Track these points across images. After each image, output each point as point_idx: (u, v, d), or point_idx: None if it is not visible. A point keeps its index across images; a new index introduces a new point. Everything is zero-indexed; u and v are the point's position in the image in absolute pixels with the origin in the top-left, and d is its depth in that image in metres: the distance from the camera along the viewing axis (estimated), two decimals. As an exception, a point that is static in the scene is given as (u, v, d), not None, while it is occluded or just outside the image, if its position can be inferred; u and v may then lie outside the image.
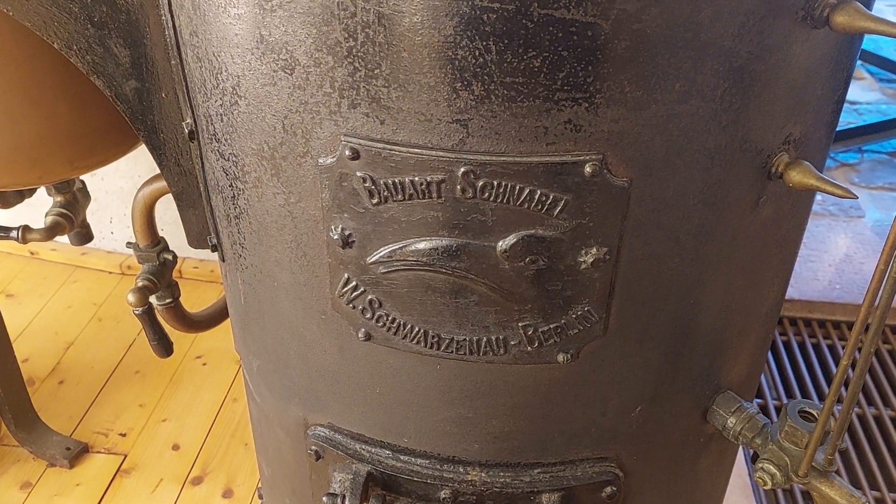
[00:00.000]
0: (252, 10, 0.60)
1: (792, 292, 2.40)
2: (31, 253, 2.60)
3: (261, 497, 1.35)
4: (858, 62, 4.39)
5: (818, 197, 3.04)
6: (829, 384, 2.13)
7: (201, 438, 1.85)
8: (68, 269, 2.56)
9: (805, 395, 2.10)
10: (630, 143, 0.61)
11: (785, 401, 2.08)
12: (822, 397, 2.08)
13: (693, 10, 0.55)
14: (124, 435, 1.88)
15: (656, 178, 0.63)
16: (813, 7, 0.60)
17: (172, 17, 0.72)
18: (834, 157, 3.30)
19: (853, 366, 0.71)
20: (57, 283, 2.47)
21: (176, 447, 1.84)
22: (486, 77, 0.57)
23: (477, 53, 0.56)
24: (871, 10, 0.72)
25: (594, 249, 0.65)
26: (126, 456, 1.82)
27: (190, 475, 1.77)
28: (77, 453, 1.80)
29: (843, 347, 2.26)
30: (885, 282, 0.66)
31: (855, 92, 4.05)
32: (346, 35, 0.57)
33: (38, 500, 1.71)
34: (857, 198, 0.65)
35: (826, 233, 2.72)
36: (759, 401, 2.06)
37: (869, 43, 4.56)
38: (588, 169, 0.60)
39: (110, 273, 2.54)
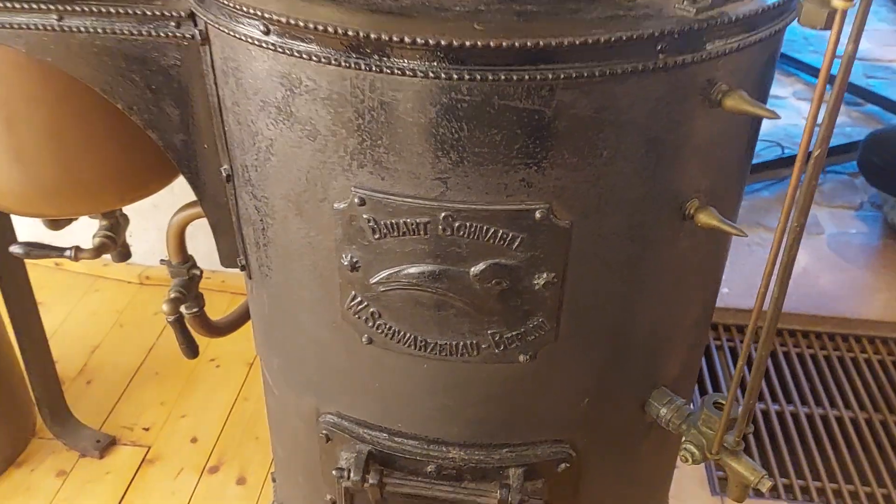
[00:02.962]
0: (285, 93, 0.77)
1: (752, 303, 2.57)
2: (56, 264, 2.74)
3: (274, 480, 1.50)
4: (828, 87, 4.56)
5: (780, 215, 3.22)
6: (782, 385, 2.30)
7: (217, 432, 2.01)
8: (91, 279, 2.70)
9: (762, 396, 2.26)
10: (570, 195, 0.78)
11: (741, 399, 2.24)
12: (774, 397, 2.25)
13: (614, 99, 0.73)
14: (147, 429, 2.03)
15: (592, 220, 0.80)
16: (709, 93, 0.77)
17: (217, 88, 0.89)
18: (799, 178, 3.47)
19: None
20: (81, 292, 2.62)
21: (194, 440, 2.00)
22: (460, 148, 0.74)
23: (453, 131, 0.73)
24: (769, 86, 0.90)
25: (545, 274, 0.82)
26: (150, 448, 1.97)
27: (207, 465, 1.93)
28: (106, 445, 1.95)
29: (798, 353, 2.44)
30: (772, 286, 0.83)
31: (822, 115, 4.22)
32: (357, 115, 0.74)
33: (72, 486, 1.86)
34: (746, 235, 0.82)
35: (786, 249, 2.89)
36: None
37: (837, 67, 4.75)
38: (538, 214, 0.77)
39: (129, 283, 2.68)
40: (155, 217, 2.49)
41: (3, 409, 1.89)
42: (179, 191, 1.46)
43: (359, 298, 0.88)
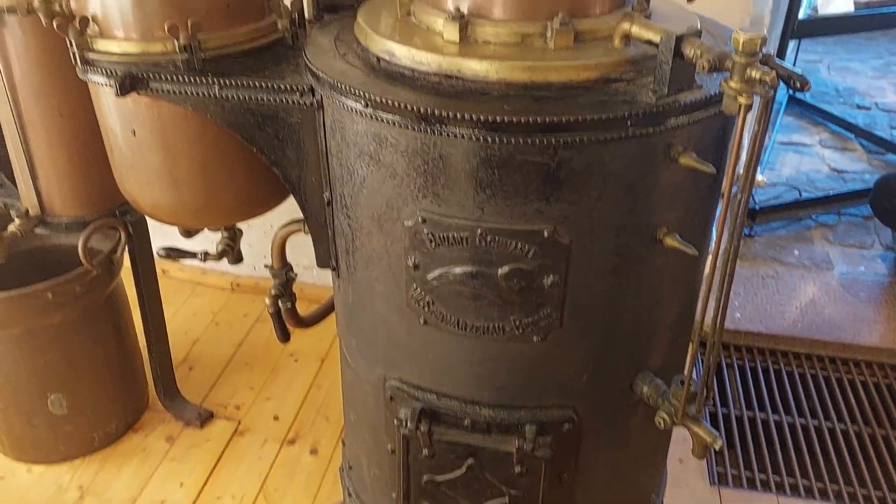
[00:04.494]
0: (375, 146, 1.08)
1: (761, 327, 2.78)
2: (163, 271, 3.12)
3: (344, 444, 1.80)
4: (852, 135, 4.69)
5: (794, 251, 3.40)
6: (783, 399, 2.50)
7: (294, 413, 2.32)
8: (191, 285, 3.06)
9: (764, 407, 2.46)
10: (570, 221, 1.06)
11: (749, 412, 2.45)
12: (775, 408, 2.45)
13: (599, 157, 1.01)
14: (238, 408, 2.35)
15: (586, 239, 1.08)
16: (669, 153, 1.04)
17: (326, 139, 1.20)
18: (814, 219, 3.65)
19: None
20: (184, 296, 2.98)
21: (276, 418, 2.31)
22: (493, 186, 1.03)
23: (489, 175, 1.02)
24: (727, 146, 1.16)
25: (552, 277, 1.10)
26: (240, 422, 2.29)
27: (286, 438, 2.23)
28: (205, 418, 2.27)
29: (800, 373, 2.63)
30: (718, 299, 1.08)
31: (844, 162, 4.37)
32: (423, 162, 1.04)
33: (178, 449, 2.19)
34: (696, 254, 1.09)
35: (797, 282, 3.09)
36: (723, 410, 2.44)
37: (865, 118, 4.90)
38: (546, 233, 1.06)
39: (223, 289, 3.03)
40: (247, 235, 2.85)
41: (127, 386, 2.24)
42: (271, 215, 1.78)
43: (418, 290, 1.17)
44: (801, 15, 3.48)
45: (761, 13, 2.43)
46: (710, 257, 1.08)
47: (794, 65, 4.92)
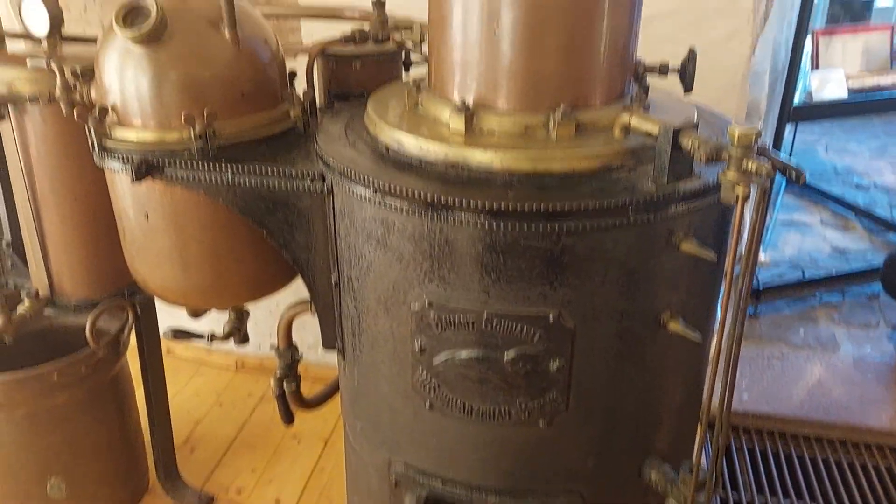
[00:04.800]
0: (383, 230, 1.11)
1: (768, 409, 2.73)
2: (168, 350, 3.10)
3: (347, 530, 1.75)
4: (852, 215, 4.73)
5: (800, 331, 3.39)
6: (794, 485, 2.44)
7: (297, 496, 2.27)
8: (195, 364, 3.04)
9: (775, 492, 2.40)
10: (574, 305, 1.07)
11: (761, 497, 2.39)
12: (795, 495, 2.38)
13: (601, 243, 1.03)
14: (240, 492, 2.30)
15: (589, 324, 1.09)
16: (670, 240, 1.06)
17: (335, 224, 1.23)
18: (819, 298, 3.64)
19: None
20: (188, 375, 2.96)
21: (278, 501, 2.25)
22: (498, 271, 1.04)
23: (493, 260, 1.04)
24: (727, 231, 1.18)
25: (557, 361, 1.10)
26: (241, 506, 2.25)
27: (289, 523, 2.19)
28: (206, 502, 2.23)
29: (811, 457, 2.58)
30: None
31: (846, 241, 4.39)
32: (430, 247, 1.07)
33: (178, 535, 2.14)
34: (700, 340, 1.09)
35: (804, 363, 3.06)
36: (734, 494, 2.38)
37: (864, 198, 4.96)
38: (551, 318, 1.07)
39: (227, 369, 3.00)
40: (253, 313, 2.85)
41: (128, 469, 2.20)
42: (277, 294, 1.78)
43: (425, 374, 1.17)
44: (796, 100, 3.57)
45: (757, 100, 2.50)
46: (715, 337, 1.08)
47: (792, 145, 5.02)
